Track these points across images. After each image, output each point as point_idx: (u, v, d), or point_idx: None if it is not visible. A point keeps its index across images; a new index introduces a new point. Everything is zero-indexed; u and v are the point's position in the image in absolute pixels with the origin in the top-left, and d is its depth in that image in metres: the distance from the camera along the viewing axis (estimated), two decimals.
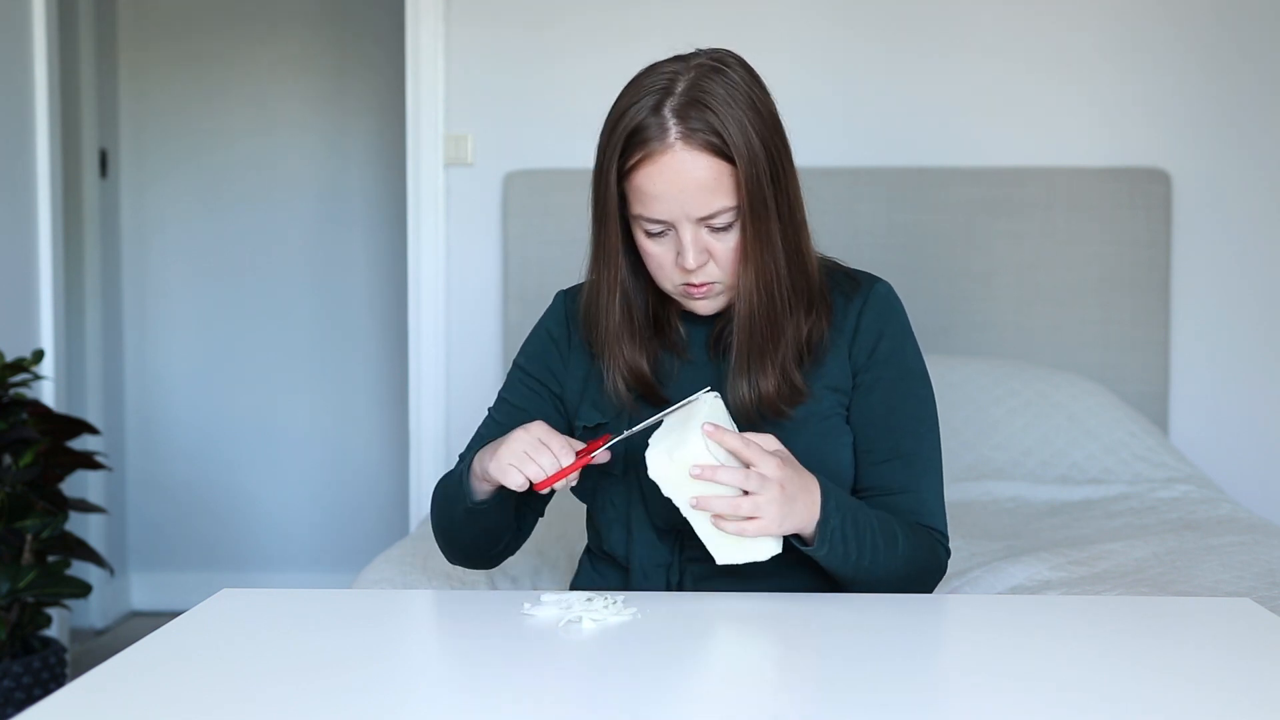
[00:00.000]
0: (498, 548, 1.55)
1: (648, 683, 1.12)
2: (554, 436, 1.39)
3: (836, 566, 1.39)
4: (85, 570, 3.33)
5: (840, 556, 1.38)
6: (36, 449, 2.71)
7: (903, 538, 1.43)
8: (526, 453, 1.37)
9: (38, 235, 3.21)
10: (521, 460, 1.37)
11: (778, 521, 1.31)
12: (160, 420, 4.08)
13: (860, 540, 1.39)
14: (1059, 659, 1.17)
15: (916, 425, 1.50)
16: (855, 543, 1.38)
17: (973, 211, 3.07)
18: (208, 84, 4.05)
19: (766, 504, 1.30)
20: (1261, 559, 1.95)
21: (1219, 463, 3.06)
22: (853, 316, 1.50)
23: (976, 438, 2.71)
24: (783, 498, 1.31)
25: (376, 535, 3.98)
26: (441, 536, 1.56)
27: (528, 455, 1.37)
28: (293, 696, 1.06)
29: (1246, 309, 3.09)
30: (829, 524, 1.36)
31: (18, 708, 2.60)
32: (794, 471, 1.34)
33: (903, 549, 1.42)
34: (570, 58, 3.17)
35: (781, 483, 1.31)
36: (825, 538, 1.36)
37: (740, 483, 1.30)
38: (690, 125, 1.38)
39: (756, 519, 1.30)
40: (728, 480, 1.30)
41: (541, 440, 1.38)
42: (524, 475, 1.37)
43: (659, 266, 1.44)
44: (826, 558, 1.38)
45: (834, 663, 1.18)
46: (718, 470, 1.29)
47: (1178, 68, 3.09)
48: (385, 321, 4.07)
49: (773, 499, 1.30)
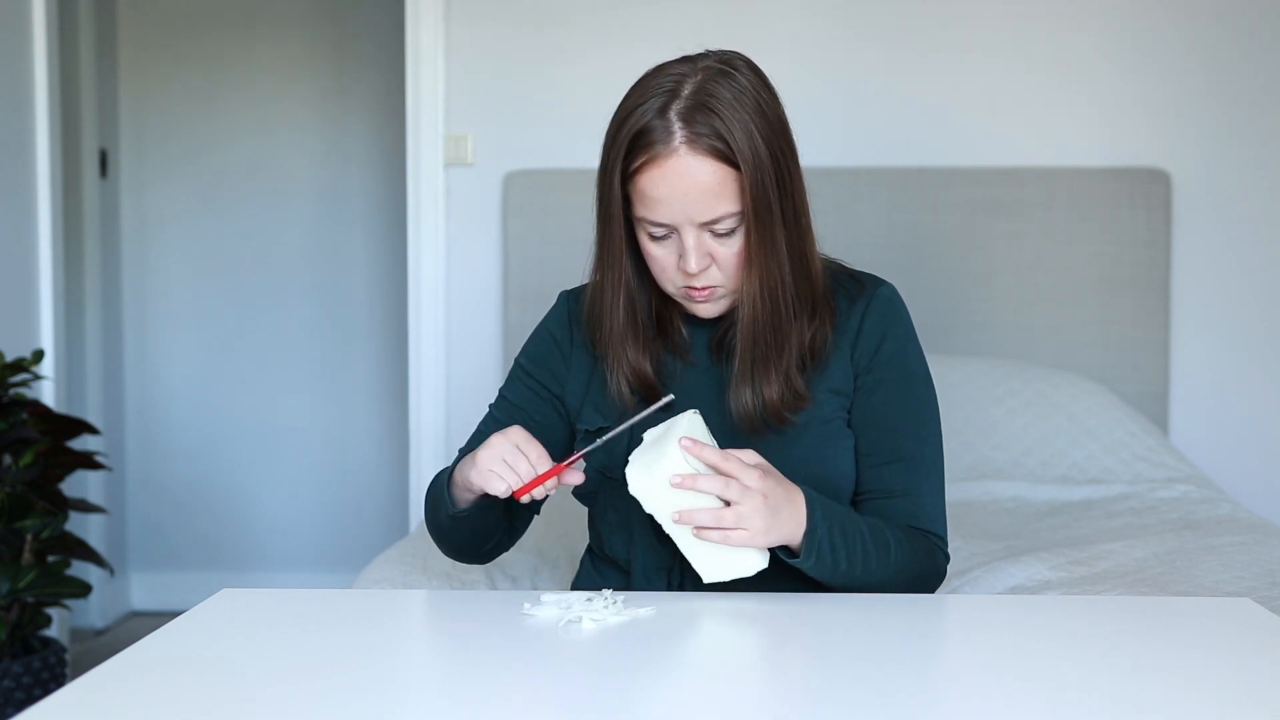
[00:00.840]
0: (487, 545, 1.56)
1: (648, 683, 1.12)
2: (531, 444, 1.39)
3: (826, 577, 1.39)
4: (85, 570, 3.33)
5: (829, 567, 1.37)
6: (36, 449, 2.71)
7: (895, 545, 1.42)
8: (505, 459, 1.37)
9: (38, 235, 3.21)
10: (501, 467, 1.37)
11: (763, 532, 1.31)
12: (160, 420, 4.08)
13: (850, 550, 1.38)
14: (1059, 659, 1.17)
15: (918, 428, 1.49)
16: (845, 553, 1.37)
17: (973, 211, 3.07)
18: (208, 84, 4.05)
19: (750, 514, 1.30)
20: (1261, 559, 1.95)
21: (1219, 463, 3.06)
22: (855, 318, 1.50)
23: (976, 438, 2.71)
24: (766, 508, 1.30)
25: (376, 535, 3.98)
26: (433, 533, 1.57)
27: (506, 462, 1.37)
28: (293, 696, 1.06)
29: (1246, 309, 3.09)
30: (815, 534, 1.35)
31: (18, 708, 2.60)
32: (776, 483, 1.33)
33: (895, 557, 1.41)
34: (570, 58, 3.17)
35: (764, 493, 1.30)
36: (812, 548, 1.35)
37: (721, 491, 1.29)
38: (696, 129, 1.37)
39: (741, 530, 1.30)
40: (708, 488, 1.29)
41: (519, 447, 1.38)
42: (505, 483, 1.37)
43: (661, 269, 1.44)
44: (815, 568, 1.37)
45: (834, 663, 1.18)
46: (697, 479, 1.29)
47: (1178, 68, 3.09)
48: (385, 321, 4.07)
49: (756, 509, 1.30)
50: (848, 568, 1.38)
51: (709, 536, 1.31)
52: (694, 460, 1.31)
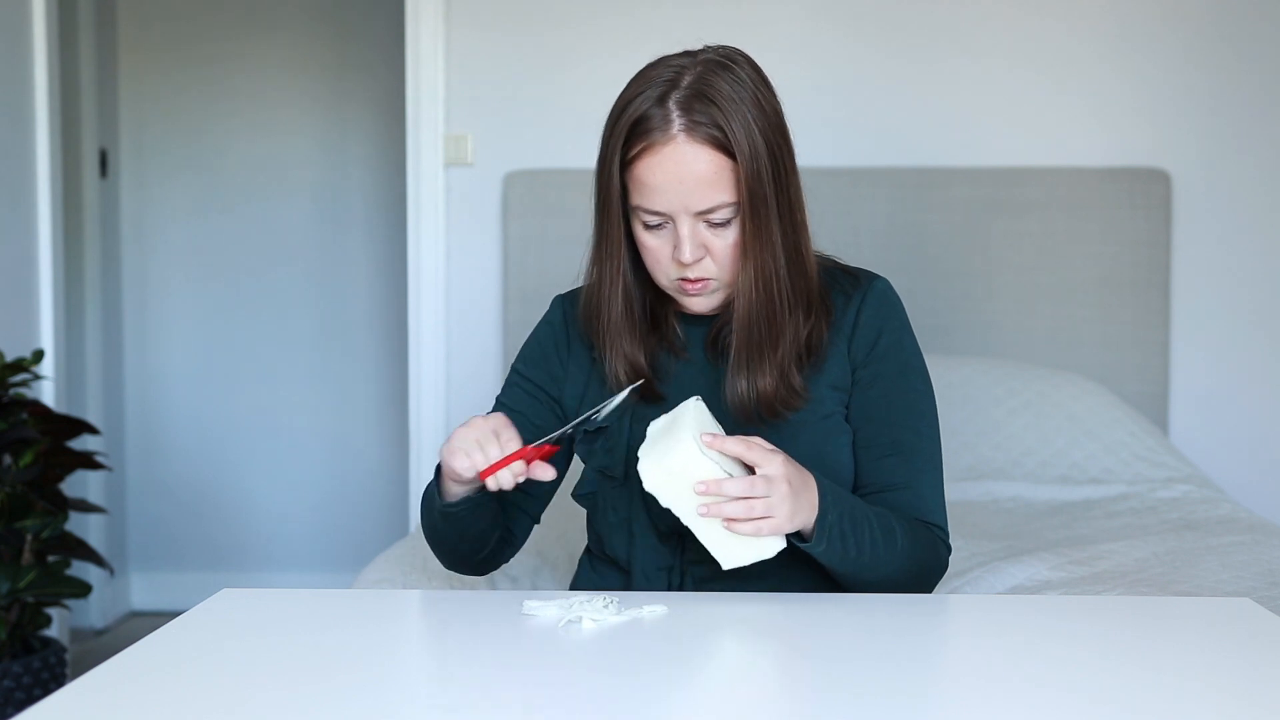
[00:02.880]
0: (482, 553, 1.53)
1: (648, 683, 1.12)
2: (507, 429, 1.39)
3: (835, 563, 1.39)
4: (85, 570, 3.33)
5: (839, 553, 1.37)
6: (36, 449, 2.71)
7: (901, 534, 1.42)
8: (477, 440, 1.37)
9: (38, 235, 3.21)
10: (470, 446, 1.37)
11: (788, 518, 1.31)
12: (160, 420, 4.08)
13: (859, 536, 1.38)
14: (1059, 659, 1.17)
15: (915, 420, 1.50)
16: (854, 538, 1.38)
17: (973, 211, 3.07)
18: (208, 84, 4.05)
19: (779, 503, 1.30)
20: (1261, 559, 1.95)
21: (1219, 463, 3.06)
22: (852, 313, 1.50)
23: (976, 438, 2.71)
24: (790, 493, 1.31)
25: (376, 535, 3.97)
26: (429, 538, 1.55)
27: (477, 443, 1.37)
28: (293, 696, 1.06)
29: (1246, 309, 3.09)
30: (826, 519, 1.35)
31: (18, 708, 2.60)
32: (794, 469, 1.34)
33: (901, 545, 1.42)
34: (570, 58, 3.17)
35: (787, 479, 1.31)
36: (824, 533, 1.35)
37: (748, 491, 1.29)
38: (694, 118, 1.38)
39: (770, 518, 1.30)
40: (735, 491, 1.29)
41: (495, 431, 1.38)
42: (470, 460, 1.36)
43: (655, 260, 1.44)
44: (825, 554, 1.37)
45: (835, 663, 1.18)
46: (723, 484, 1.29)
47: (1178, 68, 3.09)
48: (385, 321, 4.07)
49: (783, 496, 1.30)
50: (857, 554, 1.38)
51: (741, 529, 1.30)
52: (710, 452, 1.30)
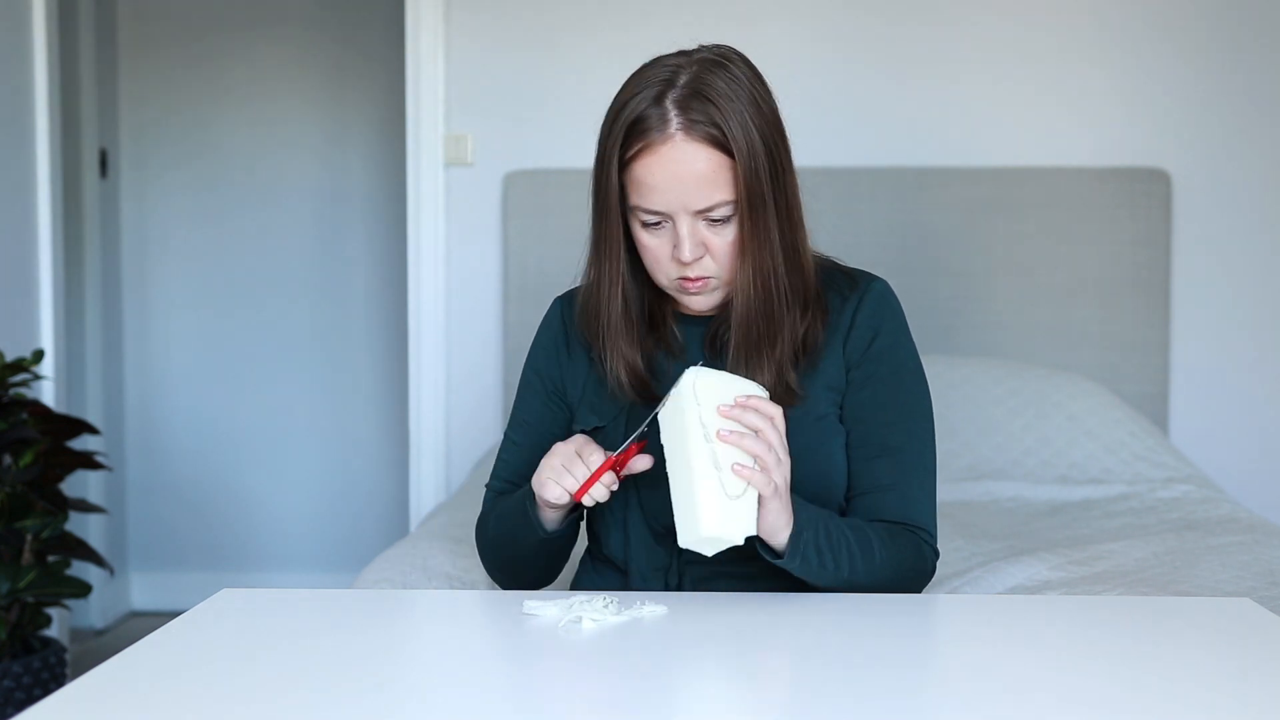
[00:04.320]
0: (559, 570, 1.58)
1: (648, 683, 1.12)
2: (587, 446, 1.41)
3: (811, 578, 1.39)
4: (85, 570, 3.33)
5: (815, 568, 1.38)
6: (36, 449, 2.71)
7: (879, 546, 1.42)
8: (563, 465, 1.40)
9: (38, 235, 3.21)
10: (558, 473, 1.40)
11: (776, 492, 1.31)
12: (160, 420, 4.08)
13: (836, 552, 1.38)
14: (1059, 659, 1.17)
15: (908, 422, 1.49)
16: (830, 555, 1.38)
17: (973, 211, 3.07)
18: (208, 84, 4.05)
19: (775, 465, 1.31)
20: (1261, 559, 1.95)
21: (1219, 463, 3.06)
22: (848, 314, 1.50)
23: (976, 438, 2.71)
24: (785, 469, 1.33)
25: (376, 535, 3.98)
26: (502, 572, 1.57)
27: (564, 468, 1.40)
28: (293, 696, 1.06)
29: (1246, 309, 3.09)
30: (801, 537, 1.35)
31: (18, 708, 2.60)
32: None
33: (880, 557, 1.41)
34: (570, 58, 3.17)
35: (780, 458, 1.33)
36: (797, 550, 1.35)
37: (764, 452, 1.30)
38: (691, 117, 1.38)
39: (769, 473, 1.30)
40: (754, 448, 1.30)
41: (578, 453, 1.40)
42: (561, 487, 1.39)
43: (655, 260, 1.44)
44: (800, 569, 1.37)
45: (835, 663, 1.18)
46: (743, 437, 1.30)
47: (1177, 68, 3.09)
48: (385, 321, 4.07)
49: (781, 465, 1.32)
50: (834, 570, 1.38)
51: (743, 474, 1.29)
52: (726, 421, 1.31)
